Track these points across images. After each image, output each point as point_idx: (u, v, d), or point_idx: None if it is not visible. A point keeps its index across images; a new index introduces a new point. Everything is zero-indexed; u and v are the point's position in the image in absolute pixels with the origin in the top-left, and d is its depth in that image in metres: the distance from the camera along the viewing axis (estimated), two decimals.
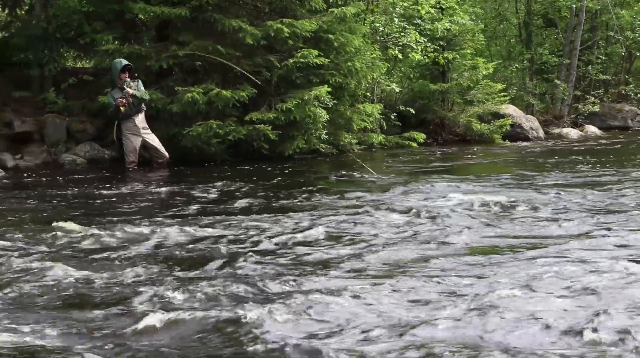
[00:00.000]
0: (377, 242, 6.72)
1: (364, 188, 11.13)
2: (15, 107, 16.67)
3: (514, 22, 34.09)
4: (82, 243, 6.81)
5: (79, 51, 18.39)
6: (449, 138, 22.72)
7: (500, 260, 5.81)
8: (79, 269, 5.65)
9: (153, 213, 8.81)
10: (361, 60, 17.72)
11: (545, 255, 5.90)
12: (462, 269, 5.53)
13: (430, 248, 6.40)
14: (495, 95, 24.13)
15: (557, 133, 27.03)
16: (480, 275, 5.30)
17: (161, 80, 15.94)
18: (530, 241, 6.63)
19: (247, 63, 15.72)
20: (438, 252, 6.20)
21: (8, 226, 7.68)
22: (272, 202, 9.79)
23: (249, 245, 6.63)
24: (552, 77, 30.83)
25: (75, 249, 6.59)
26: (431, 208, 8.48)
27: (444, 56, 22.72)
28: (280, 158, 15.78)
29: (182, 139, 15.19)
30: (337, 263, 5.87)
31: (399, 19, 22.22)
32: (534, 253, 5.99)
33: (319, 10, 17.27)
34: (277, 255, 6.24)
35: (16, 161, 14.85)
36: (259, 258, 6.02)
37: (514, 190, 10.29)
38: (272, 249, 6.51)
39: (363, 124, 18.69)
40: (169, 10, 15.54)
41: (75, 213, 8.76)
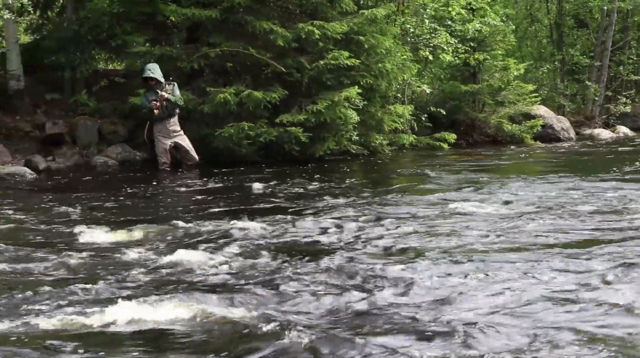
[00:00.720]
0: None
1: (440, 185, 11.50)
2: (47, 109, 16.75)
3: (545, 23, 33.92)
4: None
5: (110, 53, 18.43)
6: (480, 139, 22.62)
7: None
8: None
9: (242, 209, 9.16)
10: (392, 61, 17.67)
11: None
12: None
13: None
14: (526, 96, 24.01)
15: (588, 134, 26.87)
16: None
17: (192, 81, 15.95)
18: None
19: (276, 66, 15.70)
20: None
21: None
22: (365, 199, 10.01)
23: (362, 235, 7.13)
24: (583, 78, 30.70)
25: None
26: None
27: (475, 57, 22.63)
28: (311, 159, 15.75)
29: (213, 140, 15.19)
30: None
31: (430, 20, 22.15)
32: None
33: (349, 12, 17.26)
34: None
35: (48, 163, 14.88)
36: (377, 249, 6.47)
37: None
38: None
39: (394, 125, 18.66)
40: (200, 12, 15.55)
41: (163, 209, 9.27)
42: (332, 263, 5.85)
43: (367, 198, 9.99)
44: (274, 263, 5.97)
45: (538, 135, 23.22)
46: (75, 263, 6.04)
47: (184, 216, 8.63)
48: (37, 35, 19.02)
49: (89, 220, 8.31)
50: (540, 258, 5.86)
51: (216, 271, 5.72)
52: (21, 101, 16.63)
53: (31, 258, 6.21)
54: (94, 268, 5.83)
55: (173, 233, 7.38)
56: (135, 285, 5.28)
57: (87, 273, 5.70)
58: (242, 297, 4.92)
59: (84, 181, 13.06)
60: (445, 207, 8.80)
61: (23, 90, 16.81)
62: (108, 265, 5.96)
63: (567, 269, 5.51)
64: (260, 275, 5.58)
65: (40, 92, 17.11)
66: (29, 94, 16.93)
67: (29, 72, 17.26)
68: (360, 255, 6.23)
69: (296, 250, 6.50)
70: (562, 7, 32.15)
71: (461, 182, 11.79)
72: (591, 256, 5.89)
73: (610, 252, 6.04)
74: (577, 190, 10.22)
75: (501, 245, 6.51)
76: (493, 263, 5.73)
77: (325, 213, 8.59)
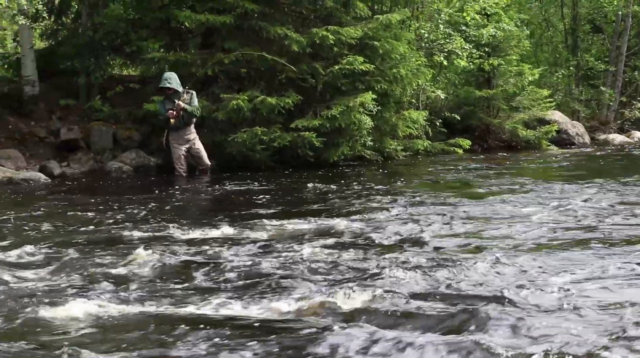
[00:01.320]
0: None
1: (489, 188, 11.57)
2: (62, 115, 16.79)
3: (559, 28, 33.86)
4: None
5: (125, 59, 18.45)
6: (495, 144, 22.59)
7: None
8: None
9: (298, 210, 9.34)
10: (406, 66, 17.67)
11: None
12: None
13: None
14: (541, 102, 23.96)
15: (603, 139, 26.84)
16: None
17: (207, 87, 15.96)
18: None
19: (293, 70, 15.71)
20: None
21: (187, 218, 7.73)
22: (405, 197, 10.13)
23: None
24: (598, 83, 30.61)
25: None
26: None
27: (490, 62, 22.60)
28: (325, 164, 15.75)
29: (227, 146, 15.20)
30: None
31: (444, 25, 22.16)
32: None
33: (364, 17, 17.28)
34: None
35: (62, 169, 14.91)
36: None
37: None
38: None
39: (408, 131, 18.66)
40: (214, 17, 15.57)
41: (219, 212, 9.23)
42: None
43: (428, 200, 10.09)
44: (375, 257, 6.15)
45: (552, 140, 23.21)
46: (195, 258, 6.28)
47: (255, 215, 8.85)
48: (52, 41, 19.05)
49: (163, 220, 8.54)
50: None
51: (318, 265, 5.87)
52: (36, 107, 16.68)
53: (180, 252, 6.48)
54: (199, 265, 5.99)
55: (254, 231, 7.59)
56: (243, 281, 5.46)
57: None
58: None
59: (107, 186, 13.06)
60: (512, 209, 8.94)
61: (38, 96, 16.87)
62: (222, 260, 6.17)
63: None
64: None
65: (55, 98, 17.15)
66: (44, 100, 16.97)
67: (44, 77, 17.32)
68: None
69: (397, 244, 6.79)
70: (577, 12, 32.06)
71: (507, 185, 11.87)
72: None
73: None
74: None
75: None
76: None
77: (392, 211, 8.78)
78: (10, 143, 15.46)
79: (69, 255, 6.34)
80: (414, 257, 5.98)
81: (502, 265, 5.59)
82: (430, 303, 4.64)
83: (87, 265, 5.90)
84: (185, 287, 5.27)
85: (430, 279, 5.22)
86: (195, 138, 14.70)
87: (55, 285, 5.35)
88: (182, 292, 5.12)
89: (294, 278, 5.37)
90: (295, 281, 5.28)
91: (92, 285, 5.27)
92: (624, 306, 4.46)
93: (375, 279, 5.26)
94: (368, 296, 4.76)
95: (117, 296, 4.97)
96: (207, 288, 5.24)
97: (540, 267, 5.59)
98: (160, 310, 4.67)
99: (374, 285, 5.01)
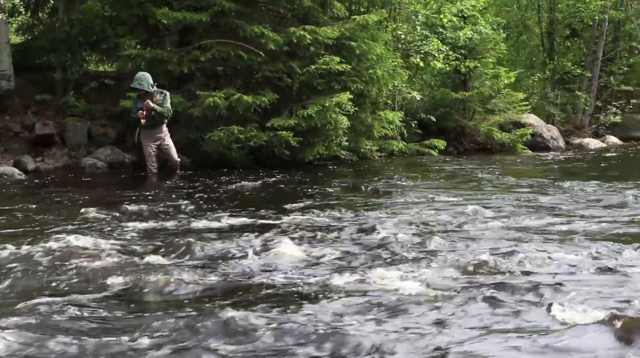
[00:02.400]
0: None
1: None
2: (37, 110, 16.74)
3: (536, 32, 34.00)
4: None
5: (101, 55, 18.42)
6: (470, 146, 22.72)
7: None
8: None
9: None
10: (383, 67, 17.72)
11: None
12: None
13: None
14: (516, 105, 24.10)
15: (577, 143, 27.00)
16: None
17: (183, 84, 15.95)
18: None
19: (269, 69, 15.73)
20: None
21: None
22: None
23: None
24: (574, 87, 30.77)
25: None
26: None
27: (466, 65, 22.72)
28: (301, 164, 15.77)
29: (203, 144, 15.19)
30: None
31: (421, 27, 22.22)
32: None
33: (341, 17, 17.32)
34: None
35: (37, 164, 14.87)
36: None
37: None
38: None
39: (384, 131, 18.73)
40: (191, 15, 15.56)
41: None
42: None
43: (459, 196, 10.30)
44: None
45: (527, 143, 23.35)
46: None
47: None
48: (28, 36, 19.02)
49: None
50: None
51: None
52: (11, 101, 16.62)
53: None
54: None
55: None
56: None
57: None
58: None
59: (80, 182, 13.04)
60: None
61: (13, 91, 16.81)
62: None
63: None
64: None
65: (30, 93, 17.10)
66: (20, 95, 16.92)
67: (20, 72, 17.26)
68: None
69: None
70: (555, 17, 32.19)
71: (524, 181, 12.25)
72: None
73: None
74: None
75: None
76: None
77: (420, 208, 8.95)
78: None
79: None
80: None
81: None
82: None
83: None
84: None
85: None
86: (166, 135, 14.58)
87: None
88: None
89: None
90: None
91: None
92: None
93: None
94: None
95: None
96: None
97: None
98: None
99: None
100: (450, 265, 5.46)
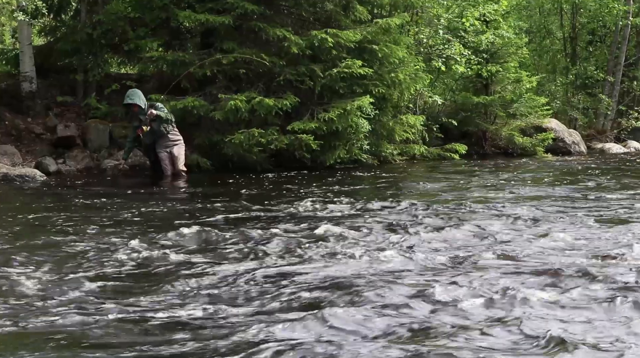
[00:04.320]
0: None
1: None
2: (59, 112, 16.78)
3: (559, 37, 33.86)
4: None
5: (123, 57, 18.40)
6: (491, 151, 22.64)
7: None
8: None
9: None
10: (404, 71, 17.65)
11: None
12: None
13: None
14: (538, 109, 23.96)
15: (599, 148, 26.80)
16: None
17: (204, 87, 15.94)
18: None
19: (291, 72, 15.71)
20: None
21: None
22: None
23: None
24: (596, 92, 30.61)
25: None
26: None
27: (488, 69, 22.61)
28: (322, 167, 15.74)
29: (223, 147, 15.18)
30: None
31: (443, 30, 22.13)
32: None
33: (363, 20, 17.27)
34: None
35: (58, 166, 14.89)
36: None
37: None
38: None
39: (405, 135, 18.66)
40: (214, 18, 15.56)
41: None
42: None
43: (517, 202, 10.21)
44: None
45: (549, 148, 23.23)
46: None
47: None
48: (50, 38, 19.03)
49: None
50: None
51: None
52: (33, 103, 16.66)
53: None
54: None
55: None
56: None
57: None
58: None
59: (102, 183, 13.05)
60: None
61: (35, 93, 16.85)
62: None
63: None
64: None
65: (52, 95, 17.15)
66: (41, 96, 16.97)
67: (42, 74, 17.30)
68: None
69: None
70: (577, 21, 32.05)
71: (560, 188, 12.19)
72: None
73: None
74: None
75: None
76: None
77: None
78: (7, 139, 15.44)
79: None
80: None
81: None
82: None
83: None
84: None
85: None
86: (176, 145, 14.42)
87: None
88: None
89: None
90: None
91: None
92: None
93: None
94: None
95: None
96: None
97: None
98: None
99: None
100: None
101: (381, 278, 5.30)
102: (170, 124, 14.28)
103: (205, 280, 5.37)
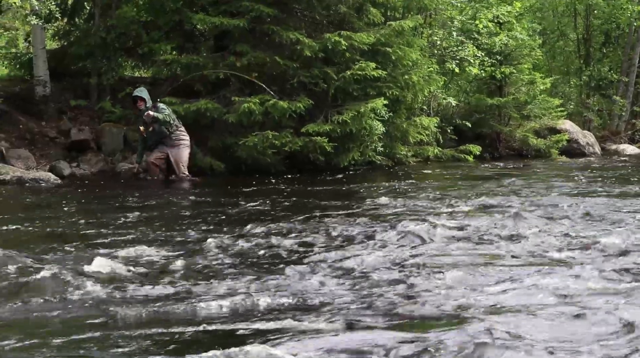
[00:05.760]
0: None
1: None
2: (73, 116, 16.78)
3: (572, 38, 33.76)
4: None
5: (136, 60, 18.40)
6: (505, 152, 22.61)
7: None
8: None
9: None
10: (418, 73, 17.64)
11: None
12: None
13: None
14: (552, 111, 23.92)
15: (613, 149, 26.73)
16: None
17: (218, 90, 15.94)
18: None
19: (305, 74, 15.70)
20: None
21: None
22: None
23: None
24: (610, 93, 30.51)
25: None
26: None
27: (501, 70, 22.58)
28: (336, 169, 15.72)
29: (237, 149, 15.17)
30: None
31: (457, 32, 22.11)
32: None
33: (376, 23, 17.24)
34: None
35: (72, 169, 14.90)
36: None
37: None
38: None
39: (419, 137, 18.65)
40: (228, 21, 15.55)
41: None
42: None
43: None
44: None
45: (563, 149, 23.19)
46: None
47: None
48: (64, 42, 19.03)
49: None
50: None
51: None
52: (47, 107, 16.66)
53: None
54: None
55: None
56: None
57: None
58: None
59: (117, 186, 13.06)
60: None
61: (49, 96, 16.86)
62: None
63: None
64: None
65: (66, 99, 17.16)
66: (55, 100, 16.97)
67: (56, 78, 17.31)
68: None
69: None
70: (591, 22, 31.95)
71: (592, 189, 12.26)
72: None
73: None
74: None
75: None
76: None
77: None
78: (21, 143, 15.45)
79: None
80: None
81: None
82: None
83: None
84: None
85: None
86: (176, 146, 14.39)
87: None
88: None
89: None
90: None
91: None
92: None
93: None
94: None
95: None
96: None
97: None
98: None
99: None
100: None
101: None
102: (173, 125, 14.30)
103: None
